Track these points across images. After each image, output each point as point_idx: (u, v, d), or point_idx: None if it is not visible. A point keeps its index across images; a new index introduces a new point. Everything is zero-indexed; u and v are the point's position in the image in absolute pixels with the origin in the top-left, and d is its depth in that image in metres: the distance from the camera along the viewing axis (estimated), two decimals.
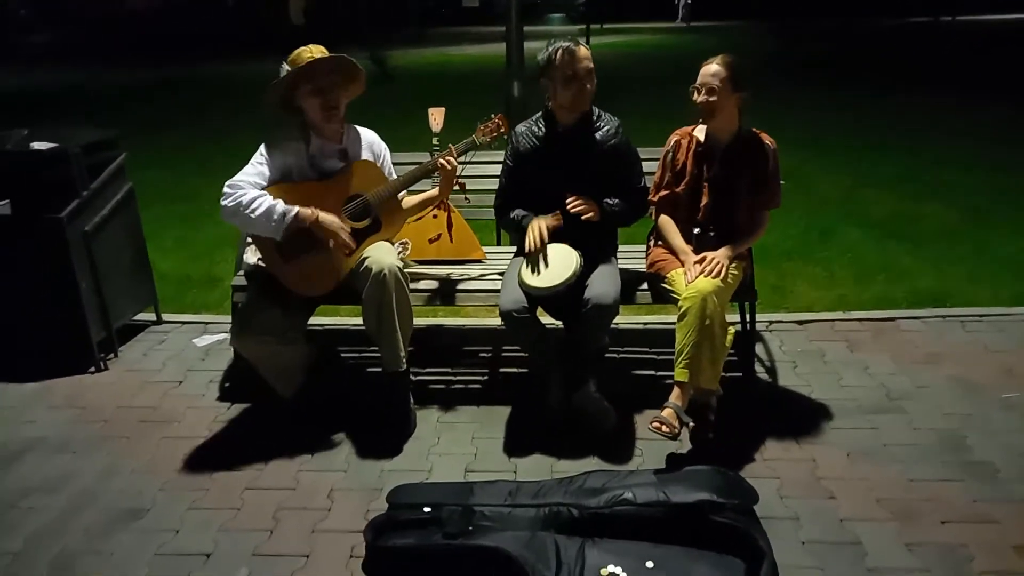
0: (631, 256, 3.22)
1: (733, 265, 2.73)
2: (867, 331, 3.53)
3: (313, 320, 3.19)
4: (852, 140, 7.87)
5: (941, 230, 5.00)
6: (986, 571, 2.07)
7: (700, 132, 2.89)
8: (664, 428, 2.46)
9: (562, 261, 2.71)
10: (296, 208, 2.63)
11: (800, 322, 3.64)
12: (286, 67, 2.72)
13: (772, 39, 18.54)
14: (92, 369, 3.37)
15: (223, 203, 2.62)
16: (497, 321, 3.69)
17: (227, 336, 3.67)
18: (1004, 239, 4.76)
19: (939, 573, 2.07)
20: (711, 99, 2.70)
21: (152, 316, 3.87)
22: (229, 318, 3.76)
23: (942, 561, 2.11)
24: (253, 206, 2.59)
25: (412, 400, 2.88)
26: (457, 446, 2.75)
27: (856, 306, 3.85)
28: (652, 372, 3.23)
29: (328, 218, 2.68)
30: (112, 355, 3.49)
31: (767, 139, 2.85)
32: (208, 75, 16.81)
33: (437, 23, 32.67)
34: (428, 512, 2.26)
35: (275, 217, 2.60)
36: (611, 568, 2.04)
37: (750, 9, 30.85)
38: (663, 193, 2.93)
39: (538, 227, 2.76)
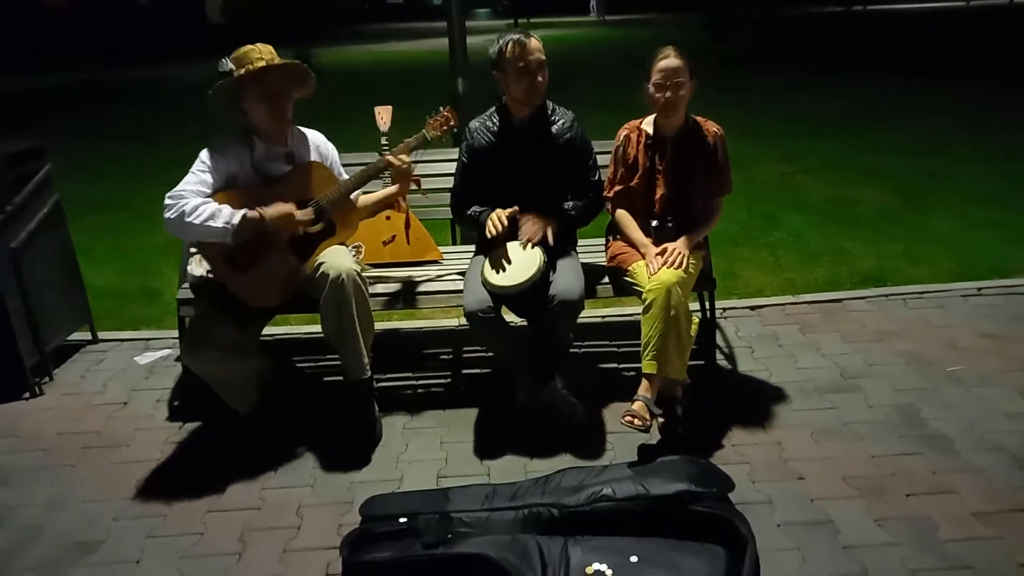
0: (590, 250, 3.21)
1: (693, 255, 2.75)
2: (817, 313, 3.63)
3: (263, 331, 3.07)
4: (784, 126, 8.13)
5: (877, 212, 5.21)
6: (951, 539, 2.14)
7: (648, 125, 2.90)
8: (636, 421, 2.46)
9: (525, 259, 2.68)
10: (242, 211, 2.52)
11: (753, 307, 3.71)
12: (228, 63, 2.59)
13: (699, 30, 18.93)
14: (26, 395, 3.16)
15: (166, 215, 2.49)
16: (456, 322, 3.67)
17: (171, 352, 3.50)
18: (937, 219, 4.99)
19: (909, 545, 2.13)
20: (680, 94, 2.71)
21: (87, 335, 3.66)
22: (171, 333, 3.61)
23: (911, 533, 2.18)
24: (196, 213, 2.46)
25: (376, 407, 2.80)
26: (426, 452, 2.69)
27: (804, 289, 3.96)
28: (615, 365, 3.23)
29: (274, 211, 2.57)
30: (47, 379, 3.28)
31: (713, 126, 2.88)
32: (127, 78, 16.10)
33: (363, 20, 32.18)
34: (404, 522, 2.21)
35: (220, 223, 2.48)
36: (596, 566, 2.03)
37: (668, 1, 31.74)
38: (617, 188, 2.92)
39: (497, 216, 2.72)
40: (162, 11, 27.46)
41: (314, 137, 2.86)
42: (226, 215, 2.49)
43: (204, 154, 2.62)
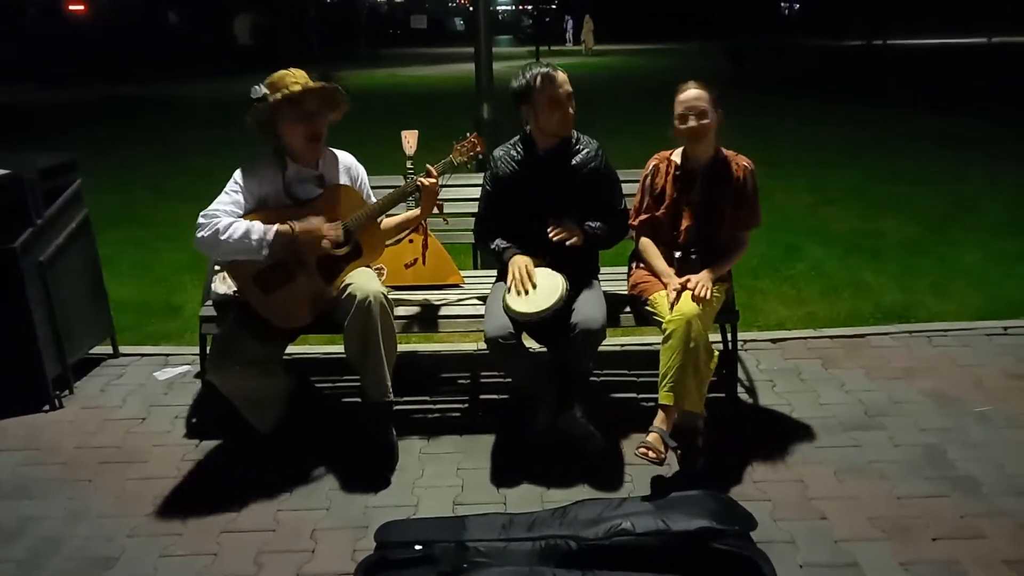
0: (613, 278, 3.20)
1: (716, 287, 2.73)
2: (839, 348, 3.58)
3: None
4: (805, 156, 8.11)
5: (900, 245, 5.16)
6: None
7: (677, 156, 2.90)
8: (651, 453, 2.43)
9: (547, 285, 2.67)
10: (275, 227, 2.55)
11: (774, 340, 3.67)
12: (262, 88, 2.62)
13: (718, 60, 19.04)
14: (47, 407, 3.17)
15: (199, 235, 2.52)
16: (473, 346, 3.65)
17: (190, 368, 3.52)
18: (961, 251, 4.94)
19: None
20: (704, 122, 2.71)
21: (108, 349, 3.68)
22: (191, 349, 3.62)
23: None
24: (229, 232, 2.50)
25: (394, 431, 2.79)
26: (442, 478, 2.67)
27: (826, 323, 3.91)
28: (634, 395, 3.20)
29: (304, 225, 2.61)
30: (68, 392, 3.30)
31: (744, 160, 2.88)
32: (155, 94, 16.38)
33: (386, 44, 32.63)
34: (420, 550, 2.18)
35: (254, 239, 2.52)
36: None
37: (678, 31, 32.12)
38: (643, 217, 2.92)
39: (524, 265, 2.72)
40: (191, 29, 28.06)
41: (345, 159, 2.89)
42: (259, 231, 2.53)
43: (238, 175, 2.65)
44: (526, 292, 2.66)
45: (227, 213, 2.54)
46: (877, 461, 2.68)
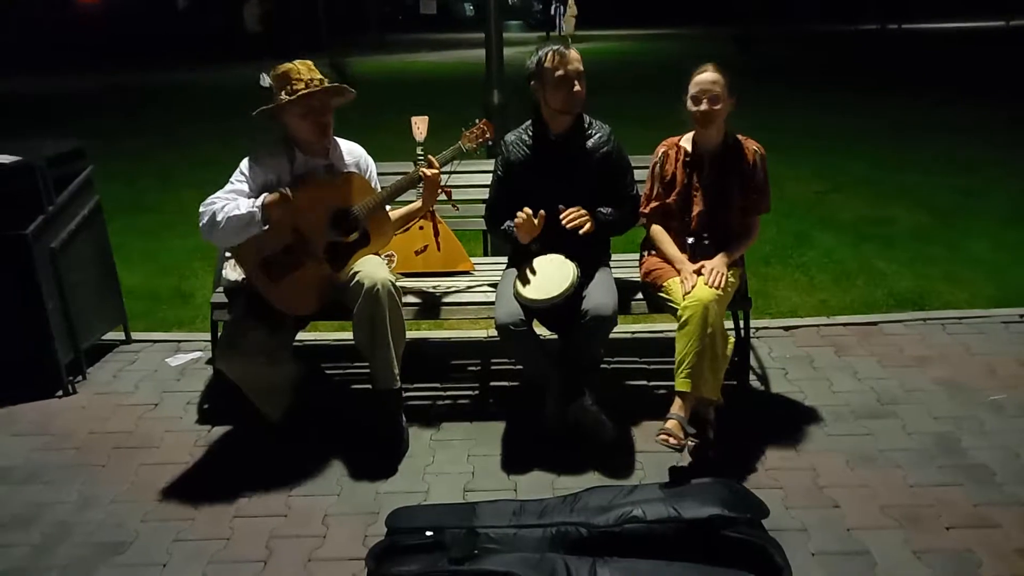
0: (624, 265, 3.18)
1: (730, 272, 2.71)
2: (852, 335, 3.55)
3: None
4: (814, 143, 8.02)
5: (912, 232, 5.11)
6: None
7: (687, 141, 2.87)
8: (671, 440, 2.42)
9: (558, 272, 2.66)
10: (263, 196, 2.52)
11: (786, 328, 3.65)
12: (267, 79, 2.61)
13: (727, 45, 18.81)
14: (60, 393, 3.20)
15: (199, 224, 2.52)
16: (483, 333, 3.65)
17: (202, 354, 3.53)
18: (974, 240, 4.88)
19: None
20: (716, 107, 2.68)
21: (121, 335, 3.70)
22: (203, 335, 3.64)
23: (951, 568, 2.11)
24: (220, 214, 2.49)
25: (404, 418, 2.79)
26: (453, 464, 2.67)
27: (838, 310, 3.88)
28: (645, 382, 3.19)
29: (305, 192, 2.58)
30: (80, 377, 3.32)
31: (754, 144, 2.85)
32: (164, 81, 16.38)
33: (395, 30, 32.47)
34: (431, 536, 2.19)
35: (243, 213, 2.48)
36: None
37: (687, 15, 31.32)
38: (654, 204, 2.90)
39: (525, 211, 2.68)
40: (200, 16, 27.97)
41: (355, 151, 2.87)
42: (245, 207, 2.48)
43: (244, 164, 2.64)
44: (535, 273, 2.63)
45: (225, 201, 2.53)
46: (890, 449, 2.67)
